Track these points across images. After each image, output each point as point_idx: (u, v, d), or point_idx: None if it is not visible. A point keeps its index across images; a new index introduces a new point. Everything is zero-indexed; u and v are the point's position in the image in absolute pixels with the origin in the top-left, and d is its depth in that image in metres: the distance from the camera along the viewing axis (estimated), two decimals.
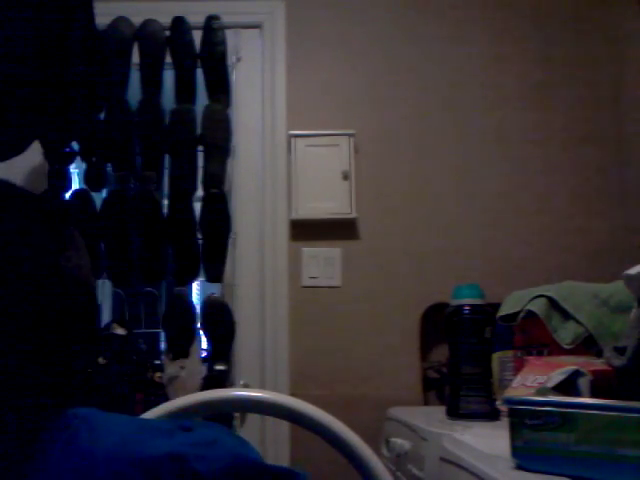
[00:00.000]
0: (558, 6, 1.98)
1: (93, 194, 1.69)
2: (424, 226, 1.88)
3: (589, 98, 1.94)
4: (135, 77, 1.69)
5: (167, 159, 1.69)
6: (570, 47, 1.96)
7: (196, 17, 1.73)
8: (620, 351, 0.97)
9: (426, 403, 1.79)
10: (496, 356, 1.40)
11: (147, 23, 1.71)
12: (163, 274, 1.66)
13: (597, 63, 1.95)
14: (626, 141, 1.91)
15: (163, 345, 1.70)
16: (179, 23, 1.71)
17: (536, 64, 1.95)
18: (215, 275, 1.67)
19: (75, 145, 1.69)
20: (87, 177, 1.69)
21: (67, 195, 1.67)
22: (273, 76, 1.94)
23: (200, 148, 1.70)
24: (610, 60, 1.95)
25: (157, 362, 1.65)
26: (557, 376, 0.99)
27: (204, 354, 1.71)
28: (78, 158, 1.70)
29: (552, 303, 1.29)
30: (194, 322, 1.65)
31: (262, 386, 1.76)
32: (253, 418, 1.73)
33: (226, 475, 0.52)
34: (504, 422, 0.77)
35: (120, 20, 1.70)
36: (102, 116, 1.68)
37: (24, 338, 0.56)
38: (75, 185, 1.77)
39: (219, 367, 1.64)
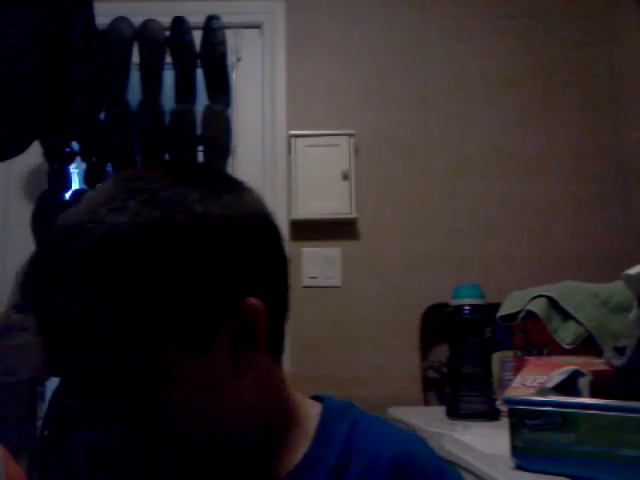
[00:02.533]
0: (559, 6, 1.98)
1: None
2: (424, 226, 1.88)
3: (589, 98, 1.94)
4: (135, 77, 1.69)
5: (167, 159, 1.69)
6: (569, 45, 1.95)
7: (196, 17, 1.72)
8: (620, 351, 0.97)
9: (426, 403, 1.79)
10: (496, 356, 1.40)
11: (147, 23, 1.71)
12: None
13: (596, 60, 1.95)
14: (626, 140, 1.91)
15: None
16: (179, 23, 1.71)
17: (537, 64, 1.95)
18: None
19: (75, 145, 1.69)
20: (87, 177, 1.68)
21: (67, 195, 1.67)
22: (273, 76, 1.93)
23: (200, 148, 1.70)
24: (609, 58, 1.95)
25: None
26: (557, 376, 0.99)
27: None
28: (78, 158, 1.70)
29: (552, 303, 1.29)
30: None
31: None
32: None
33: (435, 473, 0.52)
34: (504, 422, 0.77)
35: (120, 20, 1.70)
36: (102, 116, 1.68)
37: None
38: (75, 185, 1.77)
39: None
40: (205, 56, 1.71)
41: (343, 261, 1.86)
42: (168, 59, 1.71)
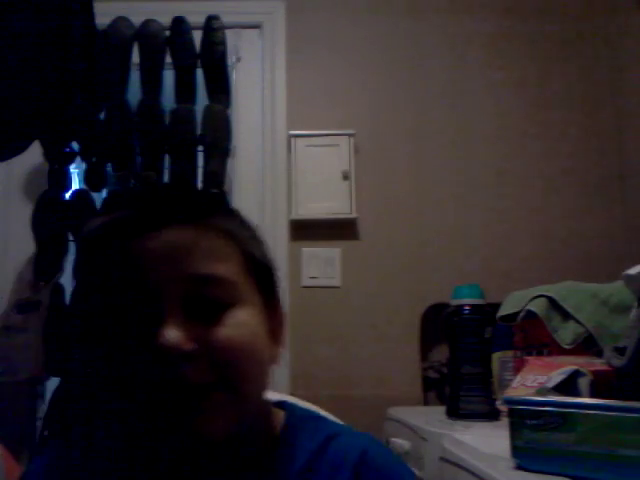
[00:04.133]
0: (558, 6, 1.98)
1: (93, 194, 1.69)
2: (424, 226, 1.88)
3: (588, 99, 1.94)
4: (135, 77, 1.69)
5: (167, 159, 1.69)
6: (569, 46, 1.96)
7: (196, 17, 1.72)
8: (620, 351, 0.97)
9: (426, 403, 1.79)
10: (496, 356, 1.40)
11: (147, 23, 1.71)
12: None
13: (596, 61, 1.95)
14: (626, 140, 1.91)
15: None
16: (179, 23, 1.71)
17: (536, 65, 1.95)
18: None
19: (75, 145, 1.69)
20: (87, 177, 1.68)
21: (67, 195, 1.67)
22: (273, 76, 1.93)
23: (200, 148, 1.70)
24: (609, 58, 1.95)
25: None
26: (557, 376, 0.99)
27: None
28: (78, 158, 1.70)
29: (552, 303, 1.29)
30: None
31: None
32: None
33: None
34: (504, 422, 0.77)
35: (120, 20, 1.70)
36: (102, 116, 1.68)
37: None
38: (75, 185, 1.76)
39: None
40: (205, 56, 1.71)
41: (343, 261, 1.86)
42: (168, 59, 1.71)
